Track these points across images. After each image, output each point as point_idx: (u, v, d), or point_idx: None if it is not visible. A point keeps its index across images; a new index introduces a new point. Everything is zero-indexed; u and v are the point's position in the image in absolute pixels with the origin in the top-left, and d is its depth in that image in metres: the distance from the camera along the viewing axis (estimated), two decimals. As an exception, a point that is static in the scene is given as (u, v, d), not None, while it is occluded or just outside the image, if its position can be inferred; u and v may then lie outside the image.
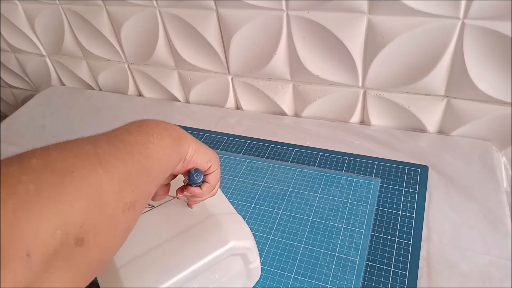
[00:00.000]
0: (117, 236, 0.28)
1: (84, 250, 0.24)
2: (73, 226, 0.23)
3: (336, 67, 0.68)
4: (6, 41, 0.98)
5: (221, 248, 0.40)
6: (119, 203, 0.27)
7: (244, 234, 0.43)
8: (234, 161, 0.70)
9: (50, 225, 0.22)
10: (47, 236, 0.22)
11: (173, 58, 0.82)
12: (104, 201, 0.26)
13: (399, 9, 0.56)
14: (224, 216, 0.44)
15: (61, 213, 0.23)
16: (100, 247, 0.26)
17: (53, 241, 0.22)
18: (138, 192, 0.29)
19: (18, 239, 0.21)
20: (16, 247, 0.21)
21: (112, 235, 0.27)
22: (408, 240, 0.52)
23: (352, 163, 0.66)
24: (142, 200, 0.30)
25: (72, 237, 0.23)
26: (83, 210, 0.24)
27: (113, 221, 0.27)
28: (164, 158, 0.33)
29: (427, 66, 0.61)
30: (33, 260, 0.21)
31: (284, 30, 0.66)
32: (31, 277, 0.21)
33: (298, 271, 0.51)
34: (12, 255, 0.21)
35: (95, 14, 0.81)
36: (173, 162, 0.35)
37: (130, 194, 0.28)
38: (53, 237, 0.22)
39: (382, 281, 0.48)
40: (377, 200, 0.58)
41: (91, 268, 0.26)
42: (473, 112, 0.64)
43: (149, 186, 0.32)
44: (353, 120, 0.76)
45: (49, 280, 0.22)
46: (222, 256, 0.40)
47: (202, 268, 0.39)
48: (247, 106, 0.84)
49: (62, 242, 0.23)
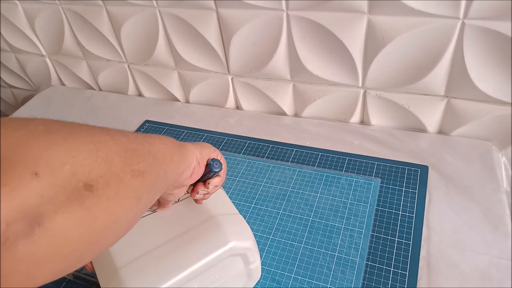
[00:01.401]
0: (126, 201, 0.27)
1: (94, 196, 0.24)
2: (81, 168, 0.23)
3: (336, 67, 0.68)
4: (6, 41, 0.98)
5: (221, 248, 0.40)
6: (127, 167, 0.27)
7: (244, 234, 0.43)
8: (234, 161, 0.70)
9: (59, 158, 0.22)
10: (56, 166, 0.22)
11: (173, 58, 0.82)
12: (111, 158, 0.26)
13: (399, 9, 0.56)
14: (225, 217, 0.44)
15: (70, 151, 0.23)
16: (110, 201, 0.25)
17: (62, 175, 0.22)
18: (146, 167, 0.29)
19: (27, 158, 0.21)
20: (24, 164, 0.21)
21: (121, 196, 0.26)
22: (408, 240, 0.52)
23: (352, 163, 0.66)
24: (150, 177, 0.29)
25: (81, 180, 0.23)
26: (90, 158, 0.24)
27: (121, 180, 0.26)
28: (167, 152, 0.33)
29: (427, 66, 0.61)
30: (41, 181, 0.21)
31: (284, 30, 0.66)
32: (37, 200, 0.21)
33: (298, 271, 0.51)
34: (19, 172, 0.20)
35: (95, 14, 0.81)
36: (176, 158, 0.35)
37: (138, 164, 0.28)
38: (62, 171, 0.22)
39: (382, 281, 0.48)
40: (377, 200, 0.58)
41: (102, 222, 0.25)
42: (473, 112, 0.64)
43: (156, 170, 0.31)
44: (353, 120, 0.76)
45: (60, 219, 0.22)
46: (223, 256, 0.40)
47: (202, 268, 0.39)
48: (247, 106, 0.84)
49: (71, 181, 0.22)
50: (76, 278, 0.54)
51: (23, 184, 0.20)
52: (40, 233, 0.21)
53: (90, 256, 0.26)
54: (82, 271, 0.55)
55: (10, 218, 0.19)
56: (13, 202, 0.20)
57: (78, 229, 0.23)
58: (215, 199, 0.46)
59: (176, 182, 0.38)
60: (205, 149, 0.41)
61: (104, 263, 0.40)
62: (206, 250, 0.40)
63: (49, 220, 0.21)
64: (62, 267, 0.23)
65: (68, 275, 0.54)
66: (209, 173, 0.41)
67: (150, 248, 0.40)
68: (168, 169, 0.34)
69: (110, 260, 0.40)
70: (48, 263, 0.22)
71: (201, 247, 0.40)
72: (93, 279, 0.53)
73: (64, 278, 0.54)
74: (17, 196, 0.20)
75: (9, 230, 0.19)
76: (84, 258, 0.25)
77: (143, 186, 0.28)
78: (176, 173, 0.36)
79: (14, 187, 0.20)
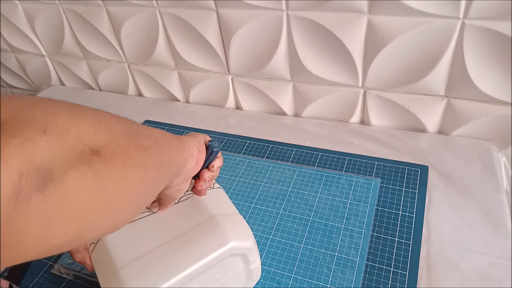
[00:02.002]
0: (134, 170, 0.27)
1: (102, 161, 0.24)
2: (86, 135, 0.23)
3: (336, 67, 0.68)
4: (6, 41, 0.98)
5: (221, 248, 0.40)
6: (130, 141, 0.27)
7: (244, 234, 0.43)
8: (234, 161, 0.70)
9: (65, 122, 0.22)
10: (63, 129, 0.22)
11: (173, 58, 0.82)
12: (114, 132, 0.26)
13: (399, 9, 0.56)
14: (225, 217, 0.44)
15: (75, 118, 0.23)
16: (118, 167, 0.25)
17: (69, 136, 0.22)
18: (149, 144, 0.29)
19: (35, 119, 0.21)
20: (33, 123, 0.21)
21: (128, 165, 0.26)
22: (408, 240, 0.52)
23: (352, 163, 0.66)
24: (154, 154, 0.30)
25: (87, 145, 0.23)
26: (94, 128, 0.24)
27: (126, 151, 0.26)
28: (166, 138, 0.34)
29: (427, 66, 0.61)
30: (50, 139, 0.21)
31: (284, 30, 0.66)
32: (48, 156, 0.21)
33: (298, 271, 0.51)
34: (29, 128, 0.20)
35: (95, 14, 0.81)
36: (176, 145, 0.36)
37: (141, 140, 0.28)
38: (69, 133, 0.22)
39: (382, 281, 0.48)
40: (377, 200, 0.58)
41: (111, 187, 0.25)
42: (473, 112, 0.64)
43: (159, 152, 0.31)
44: (353, 120, 0.76)
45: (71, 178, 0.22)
46: (222, 256, 0.40)
47: (202, 268, 0.39)
48: (247, 106, 0.84)
49: (78, 144, 0.23)
50: (76, 278, 0.54)
51: (35, 139, 0.20)
52: (52, 188, 0.20)
53: (102, 226, 0.26)
54: (82, 271, 0.55)
55: (23, 169, 0.19)
56: (25, 154, 0.19)
57: (88, 190, 0.23)
58: (215, 199, 0.46)
59: (183, 172, 0.38)
60: (198, 136, 0.42)
61: (104, 263, 0.40)
62: (206, 250, 0.40)
63: (60, 177, 0.21)
64: (74, 230, 0.23)
65: (68, 275, 0.54)
66: (211, 156, 0.41)
67: (150, 248, 0.40)
68: (171, 155, 0.34)
69: (110, 260, 0.40)
70: (60, 222, 0.22)
71: (201, 247, 0.40)
72: (93, 279, 0.53)
73: (64, 278, 0.54)
74: (29, 149, 0.20)
75: (22, 181, 0.19)
76: (97, 226, 0.25)
77: (148, 159, 0.29)
78: (179, 159, 0.36)
79: (25, 140, 0.20)
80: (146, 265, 0.39)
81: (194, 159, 0.39)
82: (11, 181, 0.19)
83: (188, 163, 0.38)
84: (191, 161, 0.38)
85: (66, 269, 0.55)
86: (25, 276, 0.56)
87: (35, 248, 0.21)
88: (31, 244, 0.21)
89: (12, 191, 0.19)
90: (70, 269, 0.55)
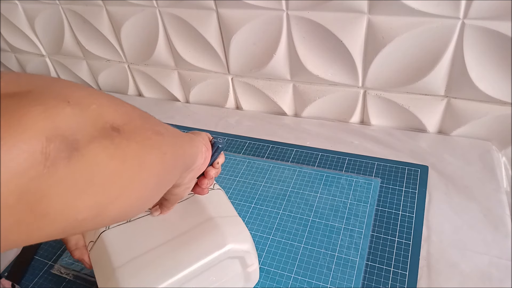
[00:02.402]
0: (152, 151, 0.27)
1: (122, 137, 0.24)
2: (106, 113, 0.24)
3: (336, 67, 0.68)
4: (6, 41, 0.98)
5: (219, 250, 0.40)
6: (147, 125, 0.27)
7: (242, 237, 0.43)
8: (234, 161, 0.70)
9: (86, 98, 0.23)
10: (85, 103, 0.22)
11: (173, 58, 0.82)
12: (131, 115, 0.26)
13: (399, 9, 0.56)
14: (224, 219, 0.44)
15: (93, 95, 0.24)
16: (138, 144, 0.25)
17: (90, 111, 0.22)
18: (164, 130, 0.29)
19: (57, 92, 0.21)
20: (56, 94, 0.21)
21: (147, 145, 0.26)
22: (408, 240, 0.52)
23: (352, 163, 0.66)
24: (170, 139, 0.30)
25: (108, 122, 0.23)
26: (112, 107, 0.25)
27: (144, 132, 0.26)
28: (176, 132, 0.34)
29: (427, 66, 0.61)
30: (73, 109, 0.21)
31: (284, 30, 0.66)
32: (73, 125, 0.21)
33: (298, 271, 0.51)
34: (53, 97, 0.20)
35: (95, 14, 0.81)
36: (187, 138, 0.36)
37: (156, 126, 0.29)
38: (90, 108, 0.22)
39: (382, 281, 0.48)
40: (377, 200, 0.58)
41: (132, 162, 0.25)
42: (473, 112, 0.64)
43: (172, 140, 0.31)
44: (353, 120, 0.76)
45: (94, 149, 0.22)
46: (220, 259, 0.40)
47: (199, 270, 0.39)
48: (247, 106, 0.84)
49: (99, 120, 0.23)
50: (76, 278, 0.54)
51: (60, 107, 0.20)
52: (78, 158, 0.20)
53: (123, 202, 0.26)
54: (82, 271, 0.55)
55: (50, 135, 0.19)
56: (50, 121, 0.19)
57: (111, 163, 0.23)
58: (214, 200, 0.46)
59: (193, 167, 0.38)
60: (202, 134, 0.42)
61: (102, 262, 0.40)
62: (203, 252, 0.40)
63: (84, 148, 0.21)
64: (98, 203, 0.23)
65: (68, 275, 0.54)
66: (216, 153, 0.42)
67: (148, 248, 0.40)
68: (184, 146, 0.34)
69: (108, 259, 0.40)
70: (86, 193, 0.22)
71: (198, 249, 0.40)
72: (93, 279, 0.53)
73: (64, 278, 0.54)
74: (54, 116, 0.20)
75: (50, 147, 0.19)
76: (119, 201, 0.25)
77: (164, 143, 0.29)
78: (191, 152, 0.36)
79: (49, 108, 0.20)
80: (143, 265, 0.39)
81: (203, 155, 0.39)
82: (39, 145, 0.19)
83: (198, 158, 0.38)
84: (200, 157, 0.39)
85: (66, 269, 0.55)
86: (25, 276, 0.56)
87: (60, 219, 0.21)
88: (56, 215, 0.20)
89: (41, 155, 0.19)
90: (70, 269, 0.55)
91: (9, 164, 0.17)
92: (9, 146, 0.18)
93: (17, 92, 0.20)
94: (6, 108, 0.18)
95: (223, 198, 0.48)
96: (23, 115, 0.18)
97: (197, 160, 0.38)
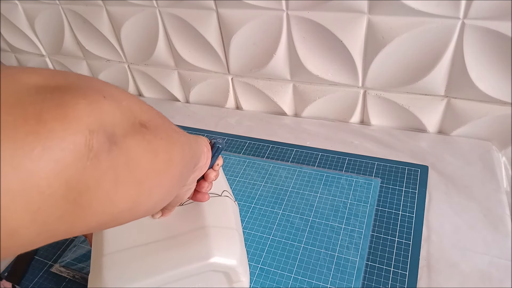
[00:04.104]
0: (175, 146, 0.28)
1: (150, 133, 0.25)
2: (135, 109, 0.24)
3: (336, 67, 0.68)
4: (6, 41, 0.98)
5: (201, 261, 0.39)
6: (165, 123, 0.29)
7: (231, 252, 0.41)
8: (234, 161, 0.70)
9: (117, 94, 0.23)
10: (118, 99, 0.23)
11: (173, 58, 0.82)
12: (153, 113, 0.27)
13: (399, 9, 0.56)
14: (217, 230, 0.43)
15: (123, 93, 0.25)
16: (163, 141, 0.26)
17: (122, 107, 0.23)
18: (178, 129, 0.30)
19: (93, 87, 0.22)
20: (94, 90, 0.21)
21: (171, 141, 0.27)
22: (408, 240, 0.52)
23: (352, 163, 0.66)
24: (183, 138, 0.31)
25: (137, 118, 0.24)
26: (137, 105, 0.25)
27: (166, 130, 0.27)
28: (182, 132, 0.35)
29: (427, 66, 0.61)
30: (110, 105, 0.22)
31: (284, 30, 0.66)
32: (111, 119, 0.21)
33: (298, 271, 0.51)
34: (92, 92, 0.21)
35: (95, 14, 0.81)
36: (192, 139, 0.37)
37: (171, 125, 0.30)
38: (122, 104, 0.23)
39: (382, 281, 0.48)
40: (377, 200, 0.58)
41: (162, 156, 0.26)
42: (473, 112, 0.64)
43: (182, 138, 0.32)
44: (353, 120, 0.76)
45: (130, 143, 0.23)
46: (202, 270, 0.40)
47: (179, 276, 0.39)
48: (247, 106, 0.84)
49: (130, 115, 0.23)
50: (76, 278, 0.54)
51: (99, 102, 0.21)
52: (117, 151, 0.21)
53: (156, 194, 0.27)
54: (82, 271, 0.55)
55: (93, 128, 0.20)
56: (94, 114, 0.20)
57: (145, 156, 0.24)
58: (217, 208, 0.45)
59: (196, 167, 0.39)
60: (201, 137, 0.42)
61: (96, 248, 0.42)
62: (185, 260, 0.39)
63: (122, 141, 0.22)
64: (135, 195, 0.24)
65: (68, 275, 0.54)
66: (216, 154, 0.42)
67: (138, 243, 0.41)
68: (192, 144, 0.35)
69: (101, 245, 0.41)
70: (124, 185, 0.22)
71: (182, 255, 0.39)
72: (93, 279, 0.53)
73: (64, 278, 0.54)
74: (96, 110, 0.20)
75: (94, 140, 0.20)
76: (152, 193, 0.26)
77: (182, 140, 0.30)
78: (197, 151, 0.37)
79: (92, 101, 0.20)
80: (129, 258, 0.39)
81: (205, 156, 0.39)
82: (83, 138, 0.19)
83: (202, 158, 0.39)
84: (203, 157, 0.39)
85: (66, 269, 0.55)
86: (25, 276, 0.56)
87: (101, 211, 0.21)
88: (98, 206, 0.21)
89: (85, 147, 0.19)
90: (70, 269, 0.55)
91: (59, 156, 0.18)
92: (59, 139, 0.18)
93: (58, 86, 0.20)
94: (52, 101, 0.19)
95: (226, 208, 0.47)
96: (69, 108, 0.19)
97: (201, 159, 0.39)
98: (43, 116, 0.18)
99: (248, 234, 0.56)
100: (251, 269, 0.51)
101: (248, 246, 0.55)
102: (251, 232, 0.57)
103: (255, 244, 0.55)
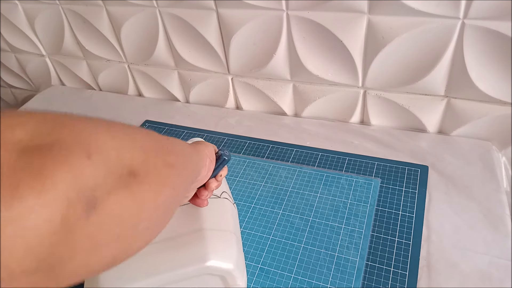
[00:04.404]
0: (165, 189, 0.27)
1: (137, 182, 0.24)
2: (124, 155, 0.24)
3: (336, 67, 0.68)
4: (6, 41, 0.98)
5: (197, 264, 0.39)
6: (159, 158, 0.28)
7: (227, 255, 0.41)
8: (234, 161, 0.70)
9: (106, 143, 0.23)
10: (104, 151, 0.22)
11: (173, 58, 0.82)
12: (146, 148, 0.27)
13: (399, 9, 0.56)
14: (214, 233, 0.42)
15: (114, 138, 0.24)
16: (151, 187, 0.25)
17: (109, 159, 0.22)
18: (175, 160, 0.30)
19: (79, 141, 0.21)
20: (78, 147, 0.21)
21: (160, 184, 0.27)
22: (408, 240, 0.52)
23: (352, 163, 0.66)
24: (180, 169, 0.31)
25: (125, 166, 0.23)
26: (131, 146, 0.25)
27: (158, 169, 0.27)
28: (186, 150, 0.35)
29: (427, 66, 0.61)
30: (94, 164, 0.21)
31: (284, 30, 0.66)
32: (92, 182, 0.21)
33: (298, 271, 0.51)
34: (75, 153, 0.20)
35: (95, 14, 0.81)
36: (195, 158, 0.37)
37: (168, 156, 0.29)
38: (109, 156, 0.22)
39: (382, 281, 0.48)
40: (377, 200, 0.58)
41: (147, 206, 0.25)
42: (473, 112, 0.64)
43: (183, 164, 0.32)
44: (353, 120, 0.76)
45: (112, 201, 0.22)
46: (198, 273, 0.39)
47: (174, 278, 0.39)
48: (247, 106, 0.84)
49: (117, 167, 0.23)
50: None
51: (81, 166, 0.20)
52: (96, 216, 0.21)
53: (136, 247, 0.26)
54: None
55: (71, 196, 0.19)
56: (73, 181, 0.19)
57: (127, 211, 0.23)
58: (215, 211, 0.45)
59: (197, 180, 0.39)
60: (208, 146, 0.42)
61: None
62: (181, 262, 0.39)
63: (102, 202, 0.21)
64: (113, 254, 0.23)
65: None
66: (221, 165, 0.42)
67: None
68: (192, 166, 0.35)
69: None
70: (102, 247, 0.22)
71: (178, 258, 0.39)
72: (93, 279, 0.53)
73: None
74: (76, 177, 0.20)
75: (70, 211, 0.19)
76: (132, 248, 0.25)
77: (175, 176, 0.29)
78: (197, 168, 0.37)
79: (72, 167, 0.20)
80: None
81: (206, 169, 0.40)
82: (59, 212, 0.19)
83: (202, 171, 0.39)
84: (203, 171, 0.39)
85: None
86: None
87: (78, 274, 0.21)
88: (73, 272, 0.21)
89: (61, 221, 0.19)
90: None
91: (32, 234, 0.17)
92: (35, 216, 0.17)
93: (41, 145, 0.19)
94: (31, 170, 0.18)
95: (225, 210, 0.47)
96: (47, 179, 0.18)
97: (201, 172, 0.39)
98: (19, 188, 0.17)
99: (248, 234, 0.56)
100: (251, 269, 0.52)
101: (248, 246, 0.55)
102: (251, 232, 0.57)
103: (255, 244, 0.55)
